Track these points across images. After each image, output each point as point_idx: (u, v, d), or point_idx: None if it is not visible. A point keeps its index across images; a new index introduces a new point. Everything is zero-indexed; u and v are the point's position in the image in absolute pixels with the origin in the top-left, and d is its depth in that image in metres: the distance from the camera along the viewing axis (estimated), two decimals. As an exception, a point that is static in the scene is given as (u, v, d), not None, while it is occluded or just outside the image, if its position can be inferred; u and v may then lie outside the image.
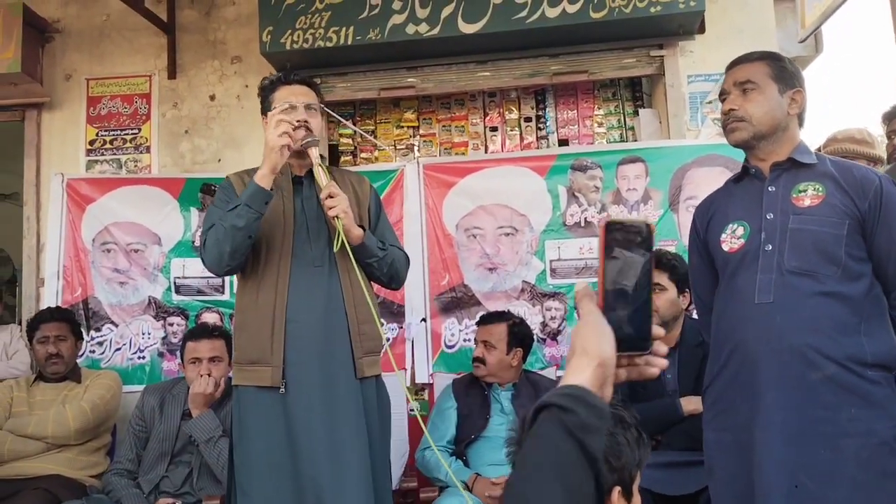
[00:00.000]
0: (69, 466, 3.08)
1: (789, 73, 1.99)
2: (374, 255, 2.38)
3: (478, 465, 2.95)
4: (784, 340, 1.84)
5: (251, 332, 2.32)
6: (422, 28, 3.68)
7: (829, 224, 1.86)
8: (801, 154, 1.96)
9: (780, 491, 1.77)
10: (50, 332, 3.29)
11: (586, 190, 3.77)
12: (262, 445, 2.28)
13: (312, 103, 2.41)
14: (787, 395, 1.82)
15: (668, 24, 3.68)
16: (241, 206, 2.22)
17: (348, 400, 2.30)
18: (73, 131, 4.17)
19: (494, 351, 3.09)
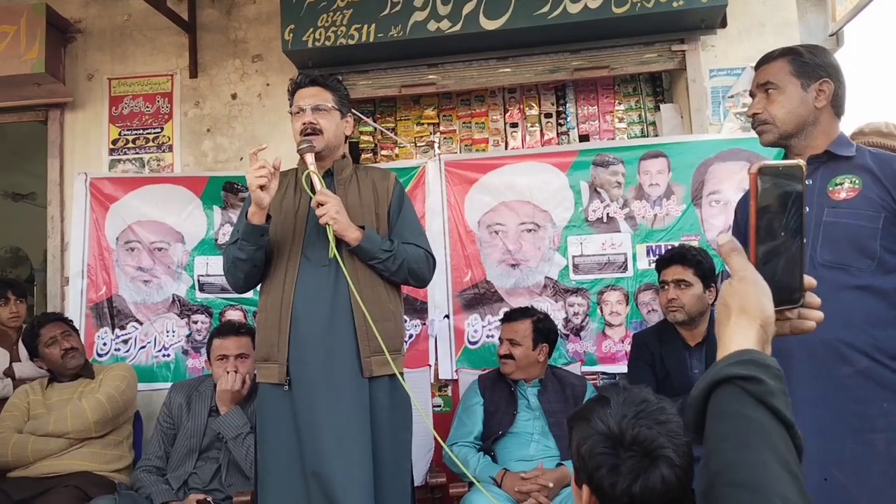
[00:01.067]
0: (95, 461, 3.11)
1: (812, 66, 1.95)
2: (374, 257, 2.39)
3: (506, 461, 2.96)
4: (816, 334, 1.81)
5: (264, 330, 2.40)
6: (443, 25, 3.68)
7: (864, 217, 1.85)
8: (838, 147, 1.95)
9: (810, 484, 1.76)
10: (54, 331, 3.31)
11: (608, 185, 3.76)
12: (274, 440, 2.35)
13: (321, 104, 2.44)
14: (817, 389, 1.81)
15: (691, 18, 3.67)
16: (240, 241, 2.34)
17: (353, 398, 2.32)
18: (95, 131, 4.19)
19: (520, 348, 3.09)
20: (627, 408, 1.24)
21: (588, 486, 1.24)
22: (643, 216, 3.73)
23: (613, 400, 1.26)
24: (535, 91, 4.32)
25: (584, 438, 1.25)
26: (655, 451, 1.20)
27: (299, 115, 2.43)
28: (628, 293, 3.71)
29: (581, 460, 1.25)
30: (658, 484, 1.18)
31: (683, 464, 1.21)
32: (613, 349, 3.69)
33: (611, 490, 1.19)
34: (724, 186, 3.63)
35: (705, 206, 3.67)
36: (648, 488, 1.18)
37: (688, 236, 3.66)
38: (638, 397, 1.25)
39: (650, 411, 1.23)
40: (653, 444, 1.20)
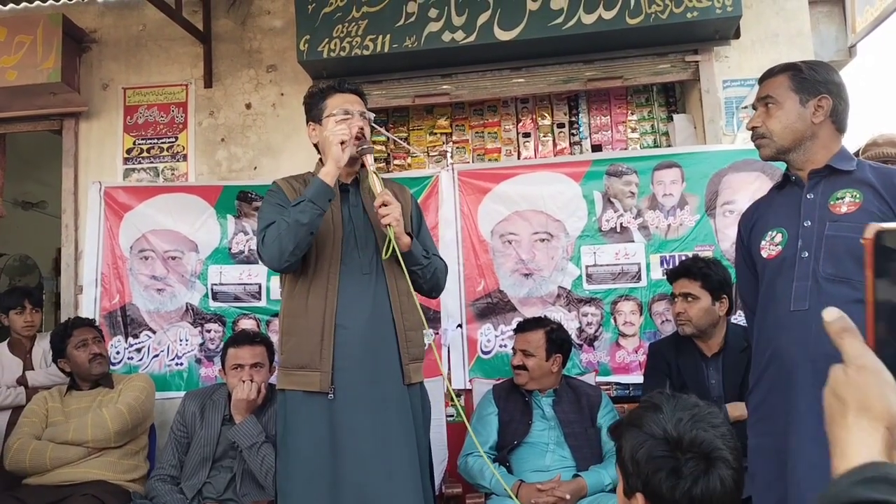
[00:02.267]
0: (112, 471, 3.11)
1: (810, 82, 1.98)
2: (419, 262, 2.40)
3: (521, 472, 2.95)
4: (819, 348, 1.83)
5: (300, 337, 2.33)
6: (458, 35, 3.69)
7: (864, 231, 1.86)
8: (839, 161, 1.97)
9: (813, 495, 1.77)
10: (85, 335, 3.33)
11: (622, 195, 3.77)
12: (306, 450, 2.29)
13: (365, 112, 2.45)
14: (820, 402, 1.82)
15: (705, 29, 3.68)
16: (306, 203, 2.24)
17: (396, 406, 2.32)
18: (110, 140, 4.21)
19: (533, 358, 3.09)
20: (682, 412, 1.25)
21: (642, 493, 1.24)
22: (657, 226, 3.73)
23: (665, 405, 1.27)
24: (547, 101, 4.33)
25: (638, 444, 1.25)
26: (714, 454, 1.22)
27: (347, 118, 2.38)
28: (642, 303, 3.71)
29: (636, 466, 1.25)
30: (718, 485, 1.20)
31: (738, 466, 1.23)
32: (627, 359, 3.68)
33: (670, 494, 1.20)
34: (738, 197, 3.62)
35: (719, 216, 3.67)
36: (709, 490, 1.20)
37: (701, 247, 3.66)
38: (689, 402, 1.27)
39: (703, 415, 1.25)
40: (711, 445, 1.22)
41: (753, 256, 2.11)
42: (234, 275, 3.90)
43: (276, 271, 2.47)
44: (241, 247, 3.90)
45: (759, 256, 2.05)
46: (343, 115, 2.39)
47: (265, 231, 2.32)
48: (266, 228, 2.32)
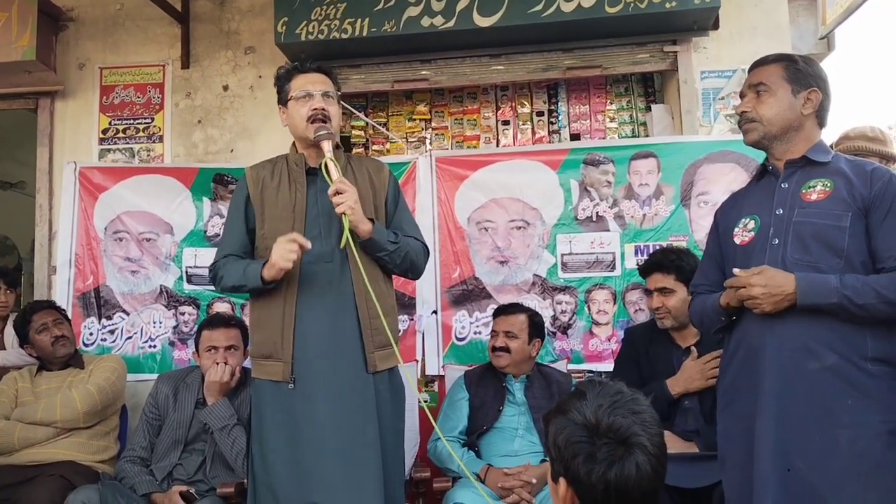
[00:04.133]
0: (81, 451, 3.10)
1: (804, 74, 2.04)
2: (383, 249, 2.37)
3: (490, 456, 2.97)
4: (787, 331, 1.89)
5: (265, 327, 2.36)
6: (437, 21, 3.68)
7: (832, 217, 1.92)
8: (815, 153, 2.03)
9: (775, 475, 1.82)
10: (45, 318, 3.32)
11: (598, 184, 3.78)
12: (275, 437, 2.31)
13: (329, 90, 2.42)
14: (785, 384, 1.86)
15: (683, 19, 3.69)
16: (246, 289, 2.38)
17: (358, 395, 2.32)
18: (86, 120, 4.17)
19: (517, 340, 3.11)
20: (603, 398, 1.26)
21: (564, 478, 1.25)
22: (632, 216, 3.75)
23: (589, 392, 1.28)
24: (527, 89, 4.33)
25: (560, 429, 1.27)
26: (630, 439, 1.22)
27: (307, 99, 2.37)
28: (616, 292, 3.73)
29: (558, 451, 1.27)
30: (633, 471, 1.20)
31: (658, 453, 1.23)
32: (600, 347, 3.71)
33: (587, 478, 1.21)
34: (713, 188, 3.65)
35: (694, 206, 3.69)
36: (624, 475, 1.20)
37: (676, 237, 3.68)
38: (613, 389, 1.28)
39: (625, 402, 1.25)
40: (628, 431, 1.22)
41: (723, 247, 2.15)
42: (209, 258, 3.81)
43: None
44: (217, 230, 3.88)
45: (732, 243, 2.08)
46: (304, 97, 2.38)
47: (217, 267, 2.45)
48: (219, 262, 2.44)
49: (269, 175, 2.45)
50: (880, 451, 1.81)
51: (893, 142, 3.17)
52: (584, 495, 1.23)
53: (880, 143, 3.18)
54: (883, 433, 1.81)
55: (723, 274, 2.12)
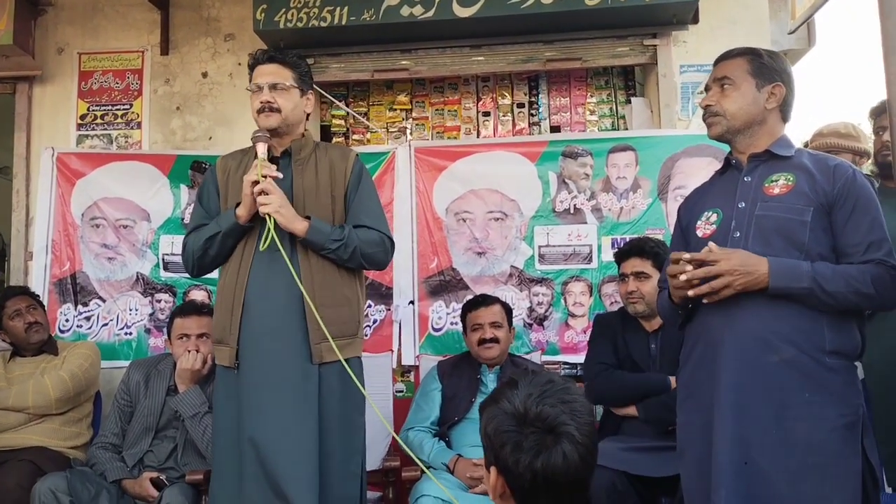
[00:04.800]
0: (52, 437, 3.11)
1: (768, 69, 2.04)
2: (323, 247, 2.38)
3: (460, 447, 2.98)
4: (746, 324, 1.89)
5: (218, 312, 2.44)
6: (416, 10, 3.67)
7: (793, 211, 1.92)
8: (778, 147, 2.03)
9: (732, 468, 1.83)
10: (19, 304, 3.31)
11: (576, 177, 3.78)
12: (221, 422, 2.39)
13: (279, 82, 2.42)
14: (743, 377, 1.87)
15: (663, 13, 3.69)
16: (221, 236, 2.38)
17: (300, 384, 2.33)
18: (64, 105, 4.16)
19: (502, 330, 3.16)
20: (533, 388, 1.26)
21: (495, 467, 1.26)
22: (609, 209, 3.76)
23: (521, 382, 1.28)
24: (508, 80, 4.33)
25: (491, 418, 1.28)
26: (558, 428, 1.22)
27: (257, 93, 2.41)
28: (592, 284, 3.74)
29: (488, 440, 1.28)
30: (560, 460, 1.21)
31: (587, 442, 1.23)
32: (575, 339, 3.72)
33: (514, 467, 1.22)
34: (690, 181, 3.64)
35: (671, 200, 3.70)
36: (550, 464, 1.21)
37: (653, 230, 3.69)
38: (544, 378, 1.28)
39: (555, 391, 1.26)
40: (556, 420, 1.22)
41: (687, 238, 2.15)
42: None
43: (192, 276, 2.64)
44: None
45: (695, 236, 2.08)
46: (256, 90, 2.42)
47: (186, 240, 2.50)
48: (188, 236, 2.49)
49: (235, 164, 2.49)
50: (837, 443, 1.82)
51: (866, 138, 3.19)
52: (513, 484, 1.24)
53: (853, 139, 3.20)
54: (839, 426, 1.83)
55: None
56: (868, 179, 2.01)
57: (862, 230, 1.89)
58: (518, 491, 1.24)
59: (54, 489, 2.73)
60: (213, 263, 2.46)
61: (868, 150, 3.14)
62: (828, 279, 1.83)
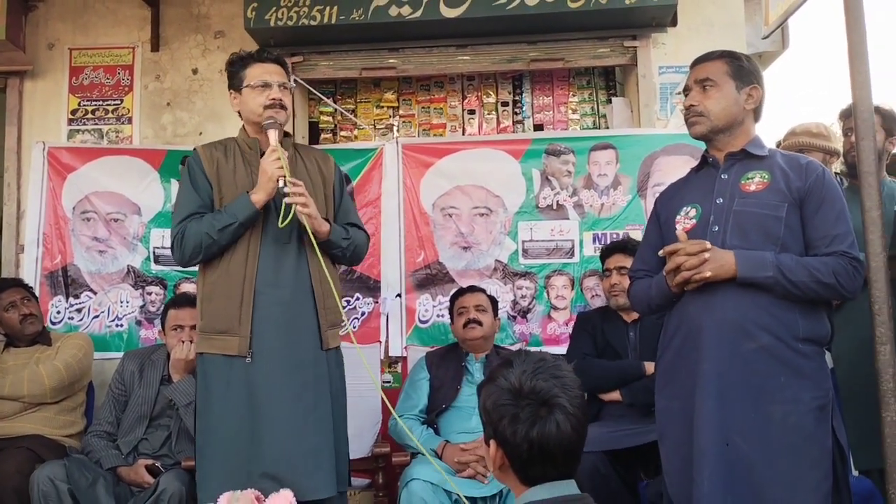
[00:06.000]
0: (48, 425, 3.17)
1: (746, 71, 2.16)
2: (339, 246, 2.51)
3: (448, 433, 3.09)
4: (723, 314, 2.01)
5: (220, 302, 2.42)
6: (404, 10, 3.76)
7: (769, 206, 2.04)
8: (753, 147, 2.15)
9: (713, 449, 1.94)
10: (13, 296, 3.37)
11: (559, 174, 3.90)
12: (223, 412, 2.38)
13: (285, 82, 2.51)
14: (723, 363, 1.99)
15: (642, 16, 3.81)
16: (237, 226, 2.37)
17: (312, 370, 2.43)
18: (55, 100, 4.19)
19: (487, 314, 3.27)
20: (527, 365, 1.37)
21: (495, 440, 1.37)
22: (591, 205, 3.88)
23: (515, 361, 1.40)
24: (493, 79, 4.43)
25: (489, 395, 1.39)
26: (551, 400, 1.33)
27: (264, 89, 2.46)
28: (574, 278, 3.86)
29: (487, 415, 1.39)
30: (554, 429, 1.32)
31: (578, 413, 1.35)
32: (558, 331, 3.84)
33: (512, 438, 1.33)
34: (668, 179, 3.71)
35: (650, 196, 3.82)
36: (545, 433, 1.32)
37: (632, 226, 3.82)
38: (536, 357, 1.40)
39: (547, 367, 1.37)
40: (549, 393, 1.33)
41: (664, 232, 2.25)
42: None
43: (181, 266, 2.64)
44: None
45: (673, 229, 2.17)
46: (262, 86, 2.46)
47: (184, 227, 2.41)
48: (184, 223, 2.41)
49: (222, 156, 2.52)
50: (811, 425, 1.94)
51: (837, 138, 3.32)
52: (511, 454, 1.35)
53: (824, 139, 3.33)
54: (813, 408, 1.95)
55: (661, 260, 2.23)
56: (837, 178, 2.14)
57: (828, 223, 2.02)
58: (516, 461, 1.35)
59: (52, 477, 2.79)
60: (218, 252, 2.43)
61: (838, 149, 3.27)
62: (791, 269, 1.96)
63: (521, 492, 1.40)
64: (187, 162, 2.56)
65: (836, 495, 1.97)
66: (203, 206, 2.46)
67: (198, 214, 2.43)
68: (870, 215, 1.90)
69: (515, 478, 1.39)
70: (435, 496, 2.72)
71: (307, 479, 2.32)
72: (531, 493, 1.37)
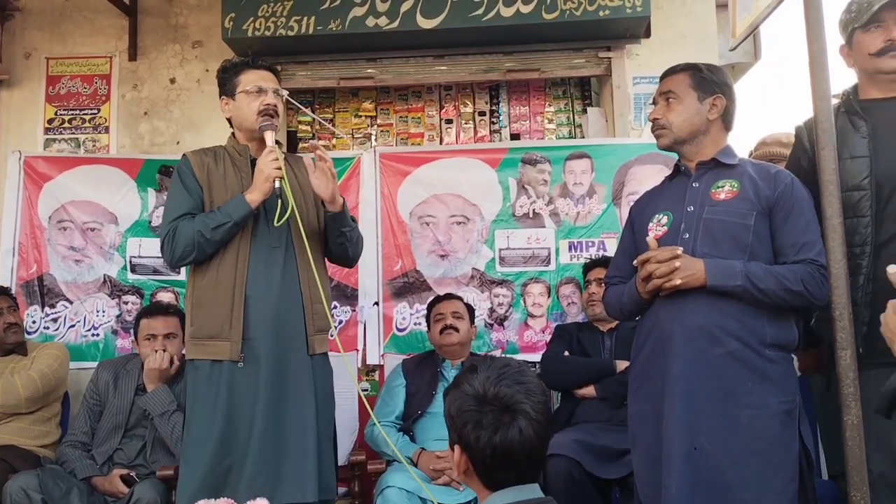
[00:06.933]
0: (22, 436, 3.15)
1: (709, 82, 2.21)
2: (347, 223, 2.54)
3: (423, 440, 3.10)
4: (694, 319, 2.04)
5: (211, 308, 2.42)
6: (381, 21, 3.79)
7: (738, 215, 2.08)
8: (724, 156, 2.20)
9: (681, 453, 1.97)
10: (1, 305, 3.35)
11: (535, 183, 3.94)
12: (209, 416, 2.37)
13: (279, 89, 2.54)
14: (691, 368, 2.02)
15: (616, 27, 3.87)
16: (232, 225, 2.37)
17: (299, 375, 2.43)
18: (31, 109, 4.19)
19: (463, 321, 3.30)
20: (491, 371, 1.40)
21: (459, 445, 1.39)
22: (566, 213, 3.92)
23: (480, 367, 1.42)
24: (470, 89, 4.48)
25: (453, 400, 1.41)
26: (514, 406, 1.35)
27: (259, 94, 2.47)
28: (550, 286, 3.89)
29: (451, 420, 1.41)
30: (516, 435, 1.34)
31: (541, 419, 1.37)
32: (534, 339, 3.87)
33: (476, 443, 1.34)
34: (643, 188, 3.75)
35: (625, 205, 3.86)
36: (508, 439, 1.34)
37: (607, 234, 3.86)
38: (501, 363, 1.43)
39: (511, 373, 1.39)
40: (512, 399, 1.35)
41: (638, 239, 2.30)
42: (154, 248, 3.91)
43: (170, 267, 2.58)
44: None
45: (647, 237, 2.21)
46: (256, 92, 2.48)
47: (175, 226, 2.40)
48: (176, 222, 2.41)
49: (212, 161, 2.52)
50: (777, 429, 1.98)
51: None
52: (475, 459, 1.36)
53: (794, 148, 3.38)
54: (780, 413, 1.99)
55: (635, 267, 2.26)
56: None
57: (797, 232, 2.06)
58: (480, 466, 1.37)
59: (25, 487, 2.77)
60: (212, 252, 2.41)
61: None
62: (759, 278, 2.00)
63: (486, 496, 1.41)
64: (177, 166, 2.55)
65: (802, 499, 2.01)
66: (195, 208, 2.46)
67: (189, 215, 2.43)
68: (830, 223, 1.94)
69: (479, 482, 1.41)
70: (410, 503, 2.73)
71: (288, 485, 2.33)
72: (495, 497, 1.39)
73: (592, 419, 2.96)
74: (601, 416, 2.96)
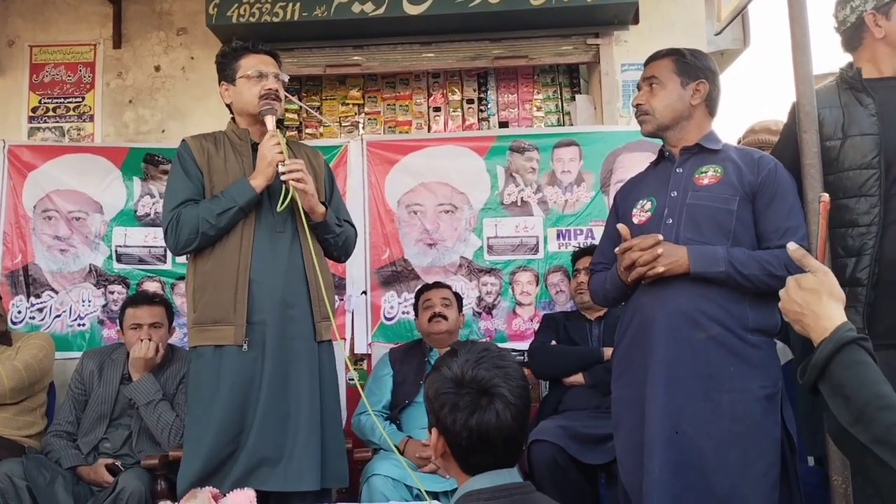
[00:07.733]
0: (7, 426, 3.12)
1: (692, 67, 2.19)
2: (332, 231, 2.51)
3: (410, 429, 3.10)
4: (677, 304, 2.04)
5: (214, 292, 2.40)
6: (367, 7, 3.77)
7: (721, 200, 2.08)
8: (707, 141, 2.19)
9: (663, 437, 1.97)
10: None
11: (523, 171, 3.92)
12: (213, 401, 2.36)
13: (280, 74, 2.53)
14: (674, 352, 2.02)
15: (604, 14, 3.86)
16: (237, 210, 2.36)
17: (305, 361, 2.42)
18: (15, 98, 4.16)
19: (452, 310, 3.29)
20: (470, 355, 1.38)
21: (436, 428, 1.38)
22: (555, 201, 3.90)
23: (461, 351, 1.40)
24: (458, 77, 4.46)
25: (432, 383, 1.40)
26: (492, 389, 1.34)
27: (260, 79, 2.46)
28: (538, 274, 3.89)
29: (429, 403, 1.40)
30: (493, 418, 1.33)
31: (519, 403, 1.35)
32: (523, 327, 3.86)
33: (452, 426, 1.33)
34: (631, 175, 3.72)
35: (612, 193, 3.83)
36: (484, 422, 1.33)
37: (595, 222, 3.84)
38: (481, 347, 1.41)
39: (490, 357, 1.38)
40: (489, 382, 1.34)
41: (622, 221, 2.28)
42: (139, 237, 3.91)
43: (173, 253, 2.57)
44: (147, 209, 3.91)
45: (631, 223, 2.21)
46: (257, 76, 2.47)
47: (178, 212, 2.39)
48: (179, 209, 2.39)
49: (212, 146, 2.50)
50: (758, 413, 1.98)
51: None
52: (452, 442, 1.35)
53: (782, 134, 3.37)
54: (761, 397, 1.99)
55: None
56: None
57: (780, 217, 2.06)
58: (457, 449, 1.36)
59: (10, 474, 2.76)
60: (212, 241, 2.40)
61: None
62: (743, 263, 1.99)
63: (464, 480, 1.41)
64: (177, 152, 2.53)
65: (784, 483, 2.01)
66: (197, 194, 2.44)
67: (192, 201, 2.42)
68: (812, 207, 1.93)
69: (457, 466, 1.40)
70: (395, 491, 2.73)
71: (291, 471, 2.33)
72: (473, 481, 1.38)
73: (580, 407, 2.96)
74: (589, 404, 2.96)
